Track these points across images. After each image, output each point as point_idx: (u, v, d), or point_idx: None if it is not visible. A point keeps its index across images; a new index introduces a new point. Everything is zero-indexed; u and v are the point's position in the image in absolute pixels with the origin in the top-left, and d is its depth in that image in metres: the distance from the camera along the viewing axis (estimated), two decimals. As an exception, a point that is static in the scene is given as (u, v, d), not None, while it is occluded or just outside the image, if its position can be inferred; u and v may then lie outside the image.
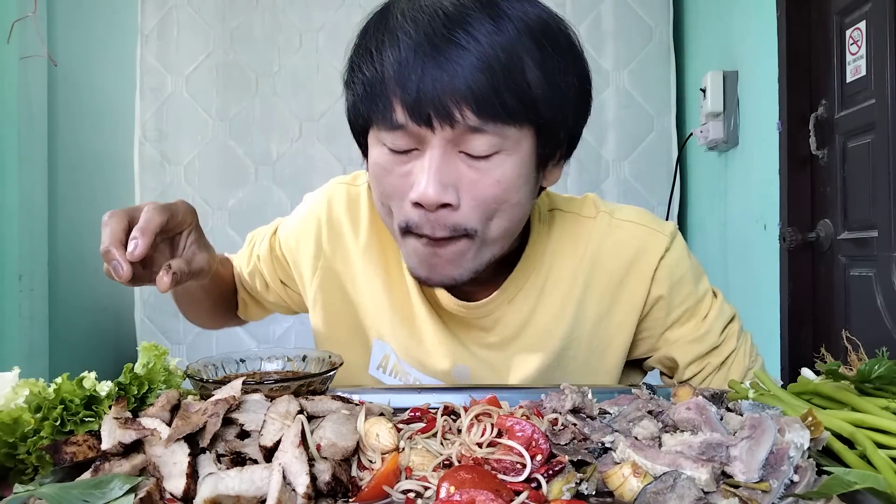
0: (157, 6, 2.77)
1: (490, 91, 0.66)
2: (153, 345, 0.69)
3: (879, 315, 1.57)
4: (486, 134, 0.68)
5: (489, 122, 0.67)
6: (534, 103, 0.69)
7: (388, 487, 0.54)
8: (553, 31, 0.72)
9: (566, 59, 0.72)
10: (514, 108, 0.68)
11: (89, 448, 0.55)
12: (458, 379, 0.90)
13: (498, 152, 0.71)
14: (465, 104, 0.66)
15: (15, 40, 2.12)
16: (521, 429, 0.58)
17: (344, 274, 0.95)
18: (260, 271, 1.06)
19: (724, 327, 0.93)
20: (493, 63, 0.65)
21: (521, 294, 0.88)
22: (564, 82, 0.72)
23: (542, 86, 0.69)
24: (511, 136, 0.70)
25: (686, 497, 0.49)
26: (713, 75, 2.25)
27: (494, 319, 0.89)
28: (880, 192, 1.55)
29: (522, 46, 0.67)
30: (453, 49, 0.65)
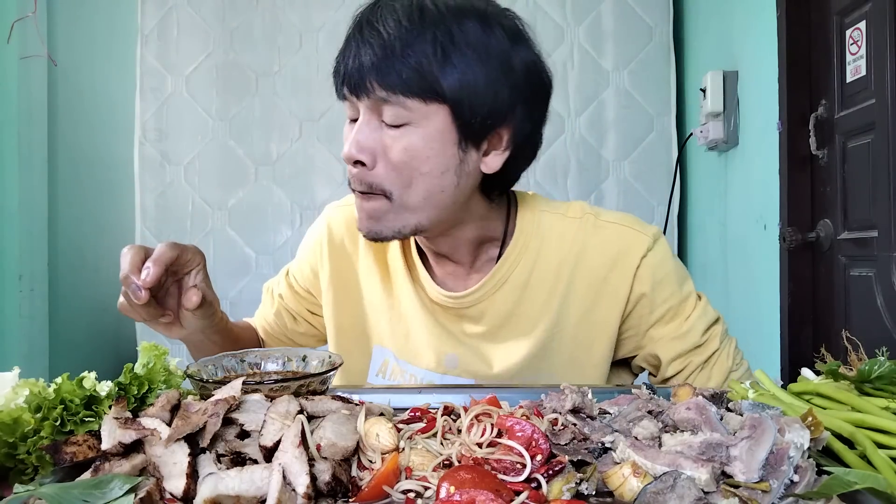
0: (157, 6, 2.77)
1: (390, 67, 0.79)
2: (153, 345, 0.69)
3: (879, 315, 1.58)
4: (393, 105, 0.81)
5: (391, 93, 0.80)
6: (432, 82, 0.79)
7: (388, 487, 0.54)
8: (469, 25, 0.81)
9: (481, 51, 0.81)
10: (411, 83, 0.79)
11: (89, 448, 0.55)
12: (448, 367, 0.95)
13: (407, 124, 0.82)
14: (372, 77, 0.80)
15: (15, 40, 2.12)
16: (521, 429, 0.58)
17: (349, 286, 1.04)
18: (286, 308, 1.14)
19: (707, 328, 0.95)
20: (395, 45, 0.79)
21: (506, 286, 0.94)
22: (474, 70, 0.80)
23: (443, 69, 0.79)
24: (417, 109, 0.81)
25: (686, 497, 0.49)
26: (713, 75, 2.25)
27: (481, 310, 0.95)
28: (880, 192, 1.55)
29: (429, 35, 0.79)
30: (372, 35, 0.80)
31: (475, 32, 0.81)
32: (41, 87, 2.30)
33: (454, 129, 0.83)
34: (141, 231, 2.73)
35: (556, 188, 2.75)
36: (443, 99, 0.81)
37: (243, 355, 0.81)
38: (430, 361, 0.96)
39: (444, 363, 0.96)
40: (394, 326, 1.00)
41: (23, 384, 0.63)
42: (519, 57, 0.84)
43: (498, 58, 0.82)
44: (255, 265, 2.76)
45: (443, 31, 0.80)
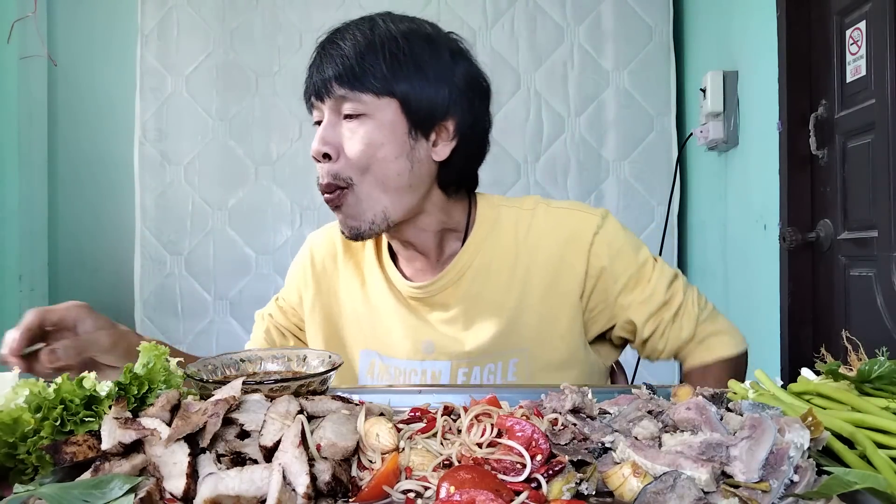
0: (157, 6, 2.77)
1: (347, 70, 0.95)
2: (153, 345, 0.69)
3: (879, 315, 1.58)
4: (350, 100, 0.96)
5: (348, 90, 0.96)
6: (381, 79, 0.95)
7: (388, 487, 0.54)
8: (414, 41, 0.99)
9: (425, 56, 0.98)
10: (364, 80, 0.95)
11: (89, 448, 0.55)
12: (425, 353, 1.06)
13: (363, 115, 0.96)
14: (334, 80, 0.96)
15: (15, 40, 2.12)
16: (521, 429, 0.58)
17: (331, 302, 1.15)
18: (275, 325, 1.21)
19: (668, 285, 1.06)
20: (351, 52, 0.96)
21: (469, 272, 1.05)
22: (419, 71, 0.97)
23: (392, 69, 0.96)
24: (370, 102, 0.96)
25: (686, 497, 0.49)
26: (713, 75, 2.25)
27: (447, 297, 1.06)
28: (880, 192, 1.55)
29: (375, 48, 0.96)
30: (333, 50, 0.98)
31: (420, 43, 0.99)
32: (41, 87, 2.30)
33: (404, 120, 0.98)
34: (141, 231, 2.73)
35: (556, 188, 2.75)
36: (392, 94, 0.96)
37: (243, 355, 0.81)
38: (408, 351, 1.07)
39: (422, 350, 1.06)
40: (375, 328, 1.11)
41: (23, 384, 0.63)
42: (459, 64, 1.02)
43: (439, 63, 0.99)
44: (255, 265, 2.76)
45: (391, 41, 0.97)
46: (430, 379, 1.06)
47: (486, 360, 1.04)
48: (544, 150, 2.76)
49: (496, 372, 1.04)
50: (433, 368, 1.05)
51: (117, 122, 2.80)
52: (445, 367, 1.05)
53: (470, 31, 2.76)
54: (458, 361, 1.04)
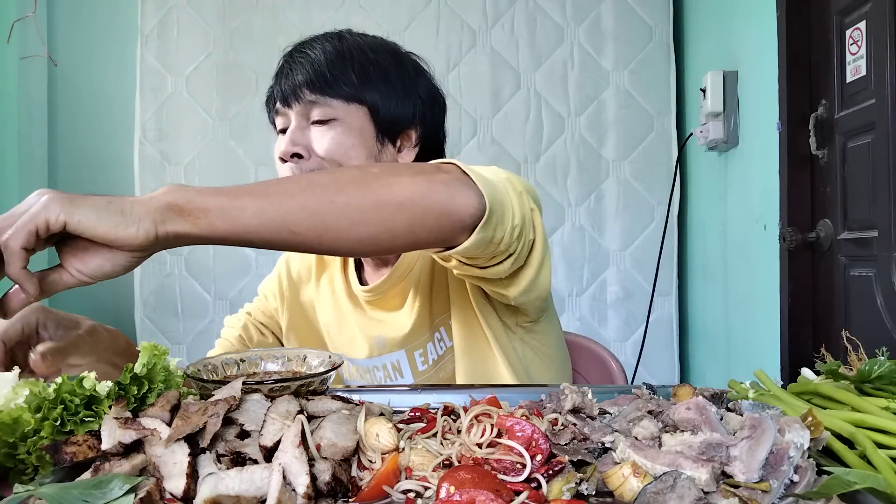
0: (157, 6, 2.77)
1: (318, 77, 1.00)
2: (153, 345, 0.69)
3: (879, 315, 1.58)
4: (320, 105, 1.00)
5: (319, 95, 1.00)
6: (351, 87, 1.00)
7: (388, 487, 0.54)
8: (381, 53, 1.05)
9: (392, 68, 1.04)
10: (335, 86, 1.00)
11: (89, 448, 0.55)
12: (379, 349, 1.11)
13: (333, 119, 1.00)
14: (304, 86, 1.00)
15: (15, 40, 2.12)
16: (521, 429, 0.58)
17: (305, 310, 1.20)
18: (254, 322, 1.23)
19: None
20: (322, 59, 1.01)
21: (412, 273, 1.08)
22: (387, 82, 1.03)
23: (360, 79, 1.01)
24: (339, 107, 1.00)
25: (686, 497, 0.50)
26: (713, 75, 2.25)
27: (395, 295, 1.10)
28: (880, 192, 1.55)
29: (345, 57, 1.01)
30: (302, 58, 1.03)
31: (387, 56, 1.05)
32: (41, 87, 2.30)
33: (372, 126, 1.03)
34: (141, 231, 2.73)
35: (556, 188, 2.75)
36: (361, 101, 1.02)
37: (243, 355, 0.81)
38: (365, 350, 1.12)
39: (376, 346, 1.11)
40: (340, 334, 1.17)
41: (23, 384, 0.63)
42: (421, 78, 1.09)
43: (404, 76, 1.06)
44: (254, 265, 2.76)
45: (360, 51, 1.03)
46: (391, 371, 1.11)
47: (428, 333, 1.08)
48: (544, 150, 2.76)
49: (444, 338, 1.08)
50: (391, 360, 1.11)
51: (117, 122, 2.79)
52: (401, 355, 1.10)
53: (470, 31, 2.76)
54: (409, 347, 1.09)
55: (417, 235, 0.76)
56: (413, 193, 0.74)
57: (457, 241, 0.79)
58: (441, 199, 0.76)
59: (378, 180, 0.74)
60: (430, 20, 2.75)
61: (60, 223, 0.61)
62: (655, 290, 2.64)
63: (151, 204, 0.64)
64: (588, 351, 1.48)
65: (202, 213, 0.65)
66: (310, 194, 0.70)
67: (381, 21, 2.75)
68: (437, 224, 0.76)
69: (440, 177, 0.77)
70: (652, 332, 2.66)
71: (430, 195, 0.75)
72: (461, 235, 0.79)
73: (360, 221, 0.72)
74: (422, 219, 0.75)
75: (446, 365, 1.08)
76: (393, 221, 0.73)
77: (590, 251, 2.76)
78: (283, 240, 0.70)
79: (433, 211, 0.75)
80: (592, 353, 1.49)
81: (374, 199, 0.72)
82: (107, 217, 0.62)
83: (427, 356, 1.09)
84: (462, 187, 0.77)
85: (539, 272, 0.93)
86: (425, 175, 0.77)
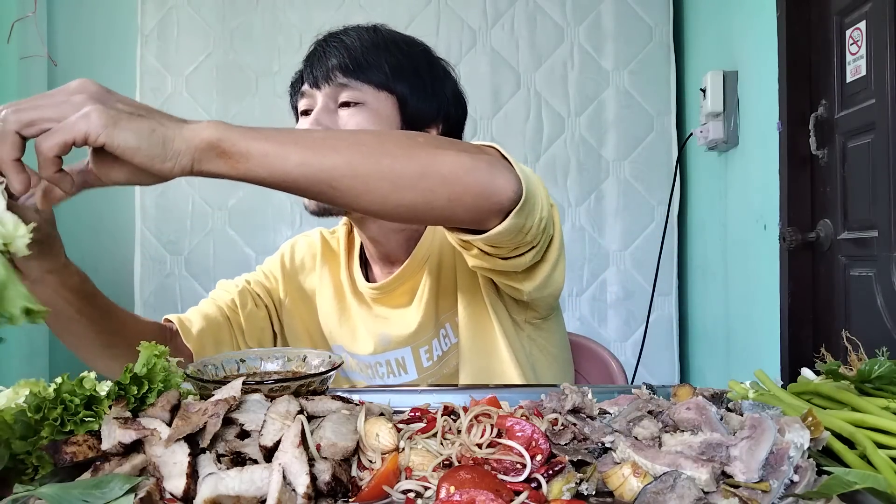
0: (157, 6, 2.77)
1: (352, 61, 1.00)
2: (153, 345, 0.69)
3: (879, 315, 1.57)
4: (351, 88, 1.00)
5: (351, 79, 1.00)
6: (383, 75, 1.01)
7: (388, 487, 0.54)
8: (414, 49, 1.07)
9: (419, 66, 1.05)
10: (367, 71, 1.00)
11: (89, 448, 0.55)
12: (384, 346, 1.10)
13: (361, 103, 1.00)
14: (337, 69, 1.00)
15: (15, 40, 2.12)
16: (521, 429, 0.58)
17: (305, 297, 1.20)
18: (251, 291, 1.23)
19: None
20: (356, 45, 1.01)
21: (420, 272, 1.09)
22: (418, 75, 1.04)
23: (392, 69, 1.01)
24: (369, 93, 1.00)
25: (686, 497, 0.50)
26: (713, 75, 2.25)
27: (402, 293, 1.10)
28: (880, 192, 1.55)
29: (379, 47, 1.02)
30: (335, 43, 1.02)
31: (419, 53, 1.07)
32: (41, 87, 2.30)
33: (398, 117, 1.02)
34: (141, 231, 2.73)
35: (556, 188, 2.75)
36: (391, 90, 1.01)
37: (243, 355, 0.81)
38: (369, 346, 1.12)
39: (380, 343, 1.11)
40: (342, 327, 1.17)
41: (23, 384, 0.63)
42: (448, 79, 1.10)
43: (434, 74, 1.07)
44: (255, 265, 2.75)
45: (394, 44, 1.04)
46: (395, 366, 1.12)
47: (434, 329, 1.09)
48: (544, 150, 2.76)
49: (448, 334, 1.09)
50: (395, 356, 1.11)
51: (117, 122, 2.79)
52: (406, 352, 1.10)
53: (470, 31, 2.76)
54: (415, 344, 1.09)
55: (454, 211, 0.76)
56: (458, 168, 0.74)
57: (489, 224, 0.80)
58: (483, 178, 0.75)
59: (424, 150, 0.73)
60: (430, 20, 2.75)
61: (100, 143, 0.59)
62: (655, 290, 2.64)
63: (193, 141, 0.63)
64: (588, 351, 1.48)
65: (243, 157, 0.64)
66: (356, 152, 0.69)
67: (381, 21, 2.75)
68: (476, 203, 0.76)
69: (483, 157, 0.77)
70: (652, 332, 2.66)
71: (474, 173, 0.75)
72: (494, 219, 0.79)
73: (402, 187, 0.71)
74: (462, 195, 0.75)
75: (450, 361, 1.09)
76: (434, 193, 0.73)
77: (590, 251, 2.76)
78: (321, 192, 0.69)
79: (473, 189, 0.75)
80: (592, 353, 1.49)
81: (419, 168, 0.71)
82: (147, 147, 0.61)
83: (432, 353, 1.10)
84: (503, 170, 0.78)
85: (555, 268, 0.94)
86: (469, 153, 0.76)
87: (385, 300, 1.12)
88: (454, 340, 1.08)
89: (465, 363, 1.06)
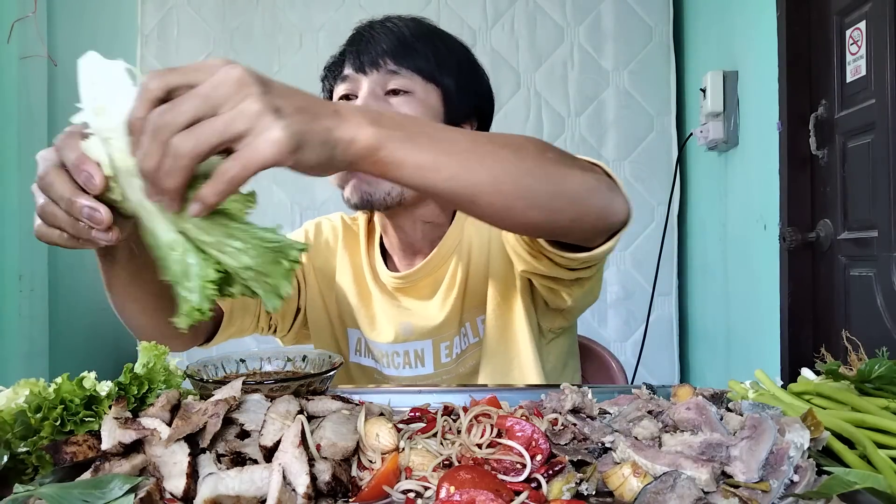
0: (157, 6, 2.77)
1: (404, 47, 1.00)
2: (153, 345, 0.69)
3: (879, 315, 1.58)
4: (401, 76, 0.99)
5: (402, 67, 0.99)
6: (432, 67, 1.01)
7: (388, 487, 0.54)
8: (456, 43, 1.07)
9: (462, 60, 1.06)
10: (418, 62, 1.00)
11: (89, 448, 0.55)
12: (406, 335, 1.10)
13: (409, 92, 0.99)
14: (387, 55, 0.99)
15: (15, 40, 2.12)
16: (521, 429, 0.58)
17: (328, 277, 1.19)
18: None
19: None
20: (406, 34, 1.01)
21: (444, 265, 1.09)
22: (459, 71, 1.04)
23: (438, 60, 1.01)
24: (418, 84, 1.00)
25: (686, 497, 0.49)
26: (713, 75, 2.25)
27: (425, 285, 1.10)
28: (880, 192, 1.55)
29: (426, 36, 1.02)
30: (384, 30, 1.01)
31: (460, 47, 1.08)
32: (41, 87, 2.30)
33: (443, 110, 1.02)
34: (141, 231, 2.73)
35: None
36: (437, 82, 1.01)
37: (243, 355, 0.81)
38: (389, 335, 1.11)
39: (402, 333, 1.10)
40: (360, 313, 1.15)
41: (23, 384, 0.63)
42: (484, 77, 1.12)
43: (474, 69, 1.09)
44: (255, 265, 2.76)
45: (438, 36, 1.04)
46: (412, 358, 1.11)
47: (456, 327, 1.09)
48: (544, 150, 2.76)
49: (468, 333, 1.09)
50: (415, 348, 1.11)
51: (117, 122, 2.79)
52: (427, 345, 1.10)
53: (470, 31, 2.76)
54: (437, 338, 1.09)
55: (571, 230, 0.76)
56: (583, 189, 0.73)
57: (594, 243, 0.81)
58: (604, 201, 0.76)
59: (555, 168, 0.71)
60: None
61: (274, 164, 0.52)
62: (655, 290, 2.64)
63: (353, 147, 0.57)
64: (588, 351, 1.48)
65: (397, 167, 0.60)
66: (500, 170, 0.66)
67: (381, 21, 2.75)
68: (593, 225, 0.77)
69: (603, 178, 0.78)
70: (652, 332, 2.66)
71: (597, 195, 0.75)
72: (600, 238, 0.80)
73: (534, 206, 0.69)
74: (584, 216, 0.74)
75: (468, 360, 1.10)
76: (560, 213, 0.72)
77: (590, 251, 2.76)
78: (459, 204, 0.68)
79: (594, 211, 0.75)
80: (592, 353, 1.49)
81: (553, 188, 0.70)
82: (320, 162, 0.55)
83: (452, 349, 1.10)
84: (617, 194, 0.78)
85: (598, 281, 1.00)
86: (592, 173, 0.76)
87: (408, 290, 1.12)
88: (472, 340, 1.09)
89: (486, 363, 1.07)
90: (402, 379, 1.11)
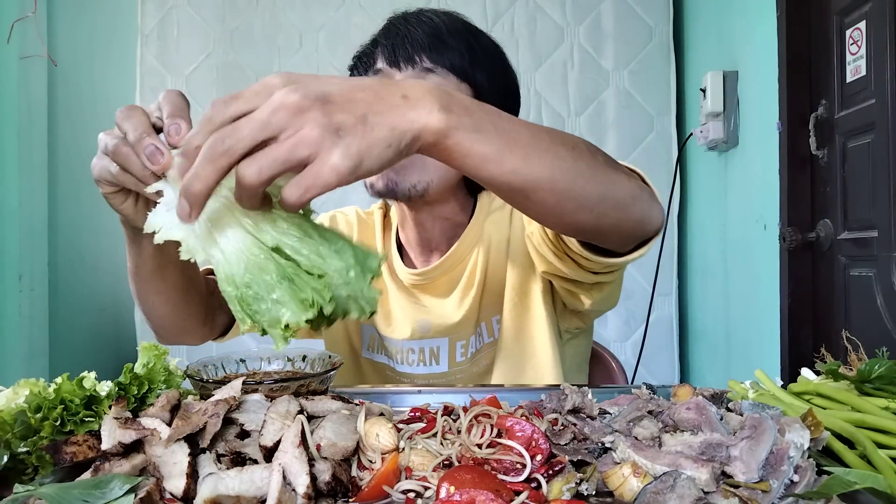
0: (157, 6, 2.77)
1: (439, 43, 0.98)
2: (153, 345, 0.69)
3: (879, 315, 1.58)
4: (436, 75, 0.97)
5: (437, 65, 0.97)
6: (466, 66, 0.99)
7: (388, 487, 0.54)
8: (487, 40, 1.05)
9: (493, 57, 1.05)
10: (454, 61, 0.98)
11: (89, 448, 0.55)
12: (423, 332, 1.10)
13: None
14: (423, 51, 0.97)
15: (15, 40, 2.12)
16: (521, 429, 0.58)
17: None
18: None
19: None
20: (443, 30, 0.99)
21: (461, 263, 1.09)
22: (491, 67, 1.03)
23: (471, 57, 0.99)
24: (452, 82, 0.98)
25: (686, 497, 0.49)
26: (713, 75, 2.25)
27: (443, 283, 1.10)
28: (880, 192, 1.55)
29: (459, 30, 1.00)
30: (420, 23, 0.99)
31: (491, 44, 1.05)
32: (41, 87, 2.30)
33: None
34: (141, 231, 2.73)
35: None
36: (469, 80, 1.00)
37: (243, 355, 0.81)
38: (405, 331, 1.11)
39: (419, 329, 1.10)
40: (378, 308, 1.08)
41: (23, 384, 0.63)
42: (512, 75, 1.09)
43: (504, 66, 1.07)
44: (255, 265, 2.76)
45: (470, 32, 1.02)
46: (427, 355, 1.11)
47: (473, 327, 1.09)
48: (544, 150, 2.76)
49: (483, 333, 1.09)
50: (432, 345, 1.10)
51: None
52: (444, 343, 1.10)
53: (470, 31, 2.77)
54: (453, 336, 1.10)
55: (611, 235, 0.77)
56: (627, 195, 0.73)
57: (626, 248, 0.82)
58: (644, 208, 0.76)
59: (605, 172, 0.70)
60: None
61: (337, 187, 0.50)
62: (655, 291, 2.64)
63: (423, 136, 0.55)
64: (588, 351, 1.48)
65: (461, 155, 0.58)
66: (557, 167, 0.64)
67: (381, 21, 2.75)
68: (632, 230, 0.77)
69: (644, 186, 0.78)
70: (652, 332, 2.66)
71: (639, 202, 0.75)
72: (632, 244, 0.81)
73: (583, 208, 0.69)
74: (625, 221, 0.74)
75: (482, 360, 1.10)
76: (605, 217, 0.71)
77: (590, 251, 2.76)
78: (513, 198, 0.67)
79: (634, 217, 0.75)
80: (593, 352, 1.49)
81: (602, 191, 0.69)
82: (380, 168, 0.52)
83: (467, 348, 1.10)
84: (655, 201, 0.79)
85: (618, 287, 1.01)
86: (634, 179, 0.76)
87: (426, 287, 1.12)
88: (487, 340, 1.09)
89: (501, 363, 1.07)
90: (416, 376, 1.11)
